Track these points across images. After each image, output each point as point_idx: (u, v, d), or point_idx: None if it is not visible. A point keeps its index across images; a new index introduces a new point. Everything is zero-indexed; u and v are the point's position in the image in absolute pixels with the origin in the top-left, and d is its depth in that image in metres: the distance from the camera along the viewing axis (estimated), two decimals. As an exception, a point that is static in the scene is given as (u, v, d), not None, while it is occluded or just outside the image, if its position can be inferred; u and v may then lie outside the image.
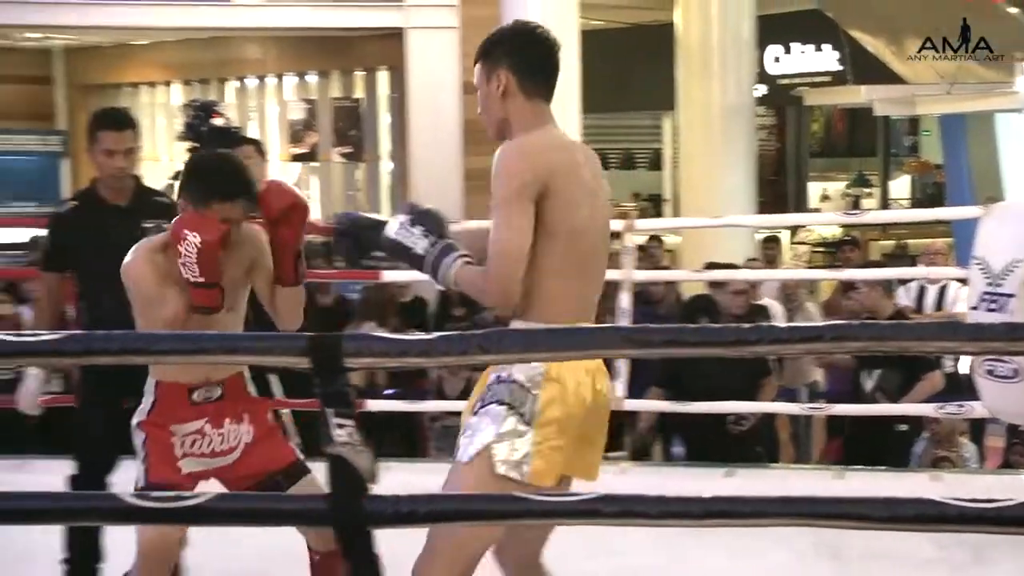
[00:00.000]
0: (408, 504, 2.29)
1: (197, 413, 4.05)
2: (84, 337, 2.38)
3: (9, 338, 2.26)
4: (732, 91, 14.28)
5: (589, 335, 2.46)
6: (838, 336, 2.26)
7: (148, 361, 3.39)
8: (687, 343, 2.33)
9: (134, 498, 2.29)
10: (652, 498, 2.27)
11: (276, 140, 15.92)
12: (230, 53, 16.40)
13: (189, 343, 2.47)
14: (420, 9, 13.17)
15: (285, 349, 2.34)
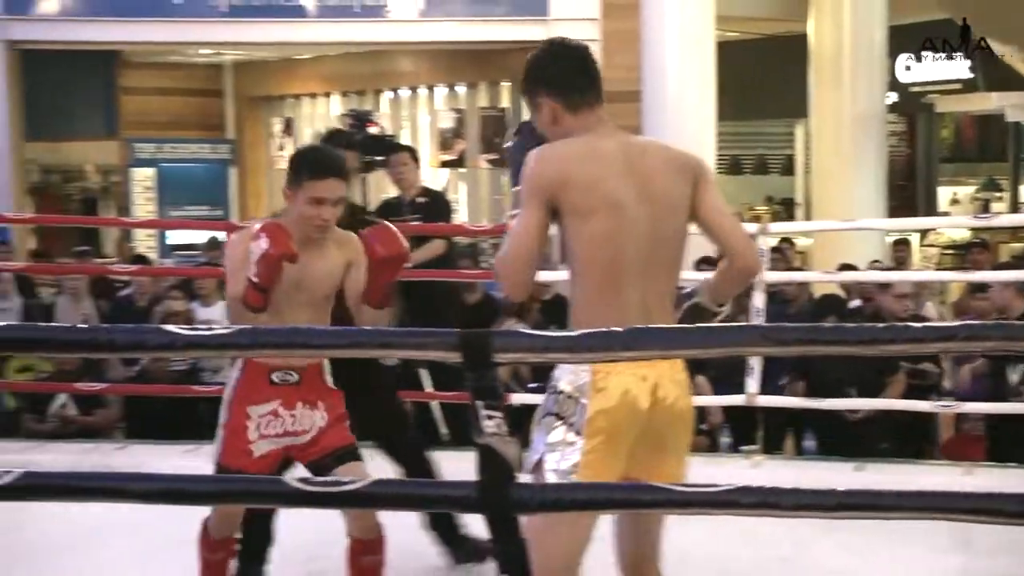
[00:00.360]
0: (553, 492, 2.29)
1: (274, 393, 4.15)
2: (252, 331, 2.41)
3: (184, 332, 2.30)
4: (863, 99, 14.07)
5: (729, 333, 2.44)
6: (970, 336, 2.22)
7: (308, 354, 3.45)
8: (823, 341, 2.30)
9: (299, 483, 2.32)
10: (787, 490, 2.24)
11: (427, 147, 16.02)
12: (385, 66, 16.56)
13: (346, 338, 2.49)
14: (563, 23, 13.15)
15: (438, 344, 2.34)
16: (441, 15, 13.56)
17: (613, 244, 3.38)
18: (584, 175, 3.38)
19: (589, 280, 3.42)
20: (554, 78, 3.55)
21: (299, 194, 4.12)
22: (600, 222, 3.36)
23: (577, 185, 3.37)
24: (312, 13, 13.59)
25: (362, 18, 13.63)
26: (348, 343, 2.50)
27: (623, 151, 3.46)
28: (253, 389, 4.16)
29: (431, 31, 13.80)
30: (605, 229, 3.37)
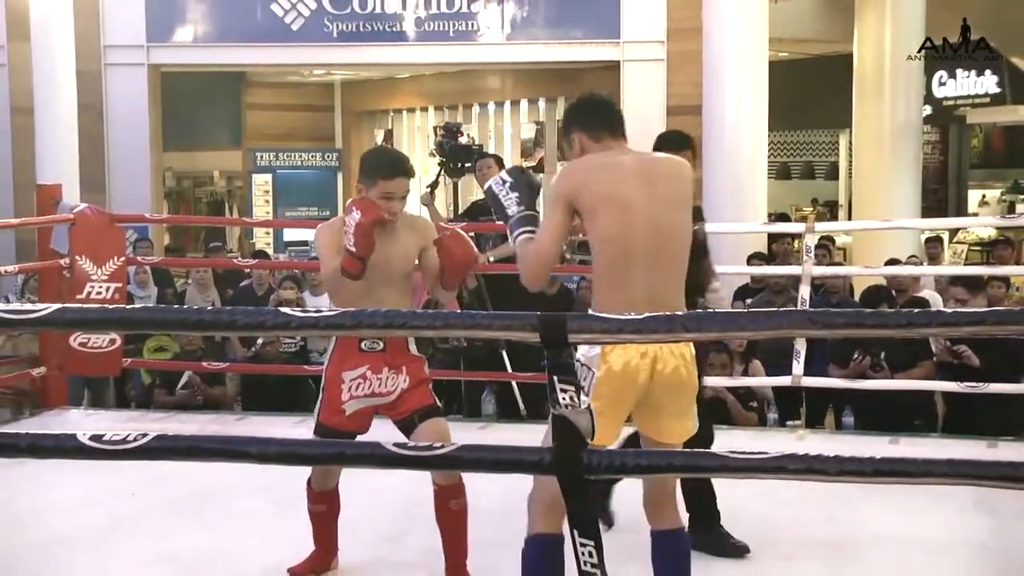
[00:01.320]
0: (620, 457, 2.28)
1: (363, 360, 4.29)
2: (355, 314, 2.42)
3: (297, 314, 2.31)
4: (901, 112, 13.92)
5: (779, 317, 2.41)
6: (998, 320, 2.18)
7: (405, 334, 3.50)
8: (866, 324, 2.27)
9: (395, 447, 2.33)
10: (830, 457, 2.22)
11: (509, 155, 16.06)
12: (475, 83, 16.63)
13: (440, 320, 2.49)
14: (633, 45, 13.15)
15: (521, 326, 2.35)
16: (525, 38, 13.60)
17: (623, 238, 3.56)
18: (598, 180, 3.61)
19: (604, 270, 3.61)
20: (584, 118, 3.85)
21: (372, 190, 4.29)
22: (611, 219, 3.56)
23: (591, 189, 3.59)
24: (411, 37, 13.68)
25: (455, 41, 13.72)
26: (443, 325, 2.51)
27: (634, 161, 3.70)
28: (346, 357, 4.31)
29: (516, 52, 13.85)
30: (616, 225, 3.56)
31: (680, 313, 2.34)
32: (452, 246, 4.44)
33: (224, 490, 5.61)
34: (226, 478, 5.57)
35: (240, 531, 5.26)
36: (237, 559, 4.91)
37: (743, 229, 11.05)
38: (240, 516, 5.43)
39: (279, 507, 5.36)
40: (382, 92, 18.28)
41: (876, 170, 13.98)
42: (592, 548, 2.32)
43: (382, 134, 18.55)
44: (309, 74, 17.58)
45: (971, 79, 17.19)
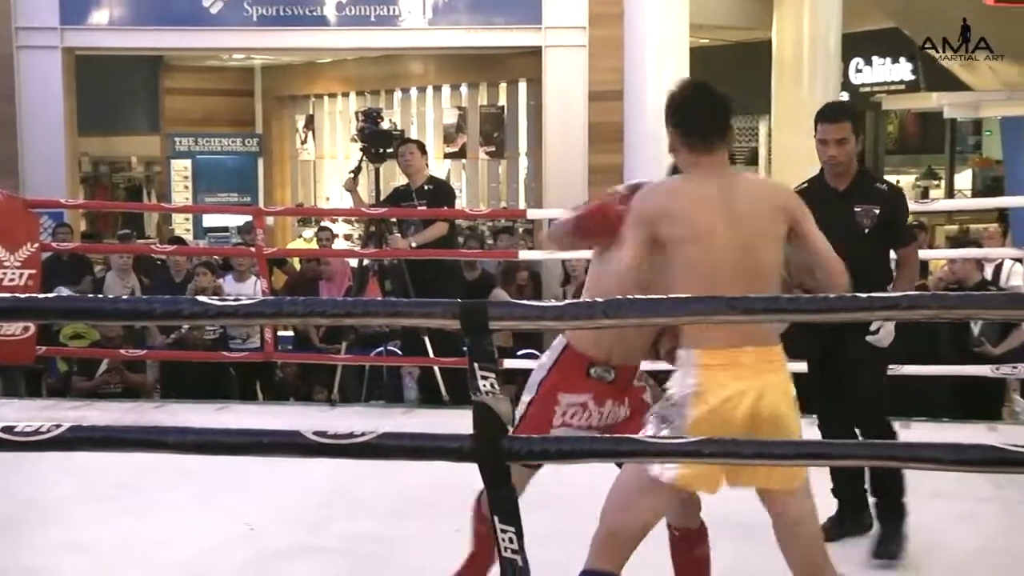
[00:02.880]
0: (540, 443, 2.28)
1: (588, 387, 3.72)
2: (274, 301, 2.41)
3: (215, 302, 2.29)
4: (819, 98, 14.01)
5: (697, 303, 2.43)
6: (912, 304, 2.21)
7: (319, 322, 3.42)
8: (785, 309, 2.29)
9: (315, 435, 2.32)
10: (747, 442, 2.24)
11: (432, 141, 16.01)
12: (397, 68, 16.54)
13: (361, 307, 2.48)
14: (555, 31, 13.13)
15: (442, 313, 2.34)
16: (447, 23, 13.52)
17: (705, 268, 3.31)
18: (679, 208, 3.37)
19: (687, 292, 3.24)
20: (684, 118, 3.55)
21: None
22: (693, 249, 3.32)
23: (673, 216, 3.35)
24: (332, 22, 13.55)
25: (376, 26, 13.61)
26: (363, 312, 2.49)
27: (720, 188, 3.42)
28: (569, 377, 3.73)
29: (438, 38, 13.77)
30: (698, 255, 3.32)
31: (600, 300, 2.34)
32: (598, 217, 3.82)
33: (143, 478, 5.54)
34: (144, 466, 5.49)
35: (158, 520, 5.20)
36: (154, 548, 4.85)
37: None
38: (158, 505, 5.37)
39: (198, 497, 5.32)
40: (303, 77, 18.12)
41: (795, 155, 14.07)
42: (513, 534, 2.32)
43: (303, 119, 18.42)
44: (229, 58, 17.37)
45: (886, 66, 17.47)
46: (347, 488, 5.27)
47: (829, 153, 4.73)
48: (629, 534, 3.31)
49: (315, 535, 5.01)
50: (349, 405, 7.67)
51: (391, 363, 8.37)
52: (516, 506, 2.30)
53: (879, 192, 4.76)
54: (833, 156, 4.71)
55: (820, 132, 4.76)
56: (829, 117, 4.78)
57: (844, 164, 4.74)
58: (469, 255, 9.04)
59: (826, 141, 4.73)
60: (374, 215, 7.92)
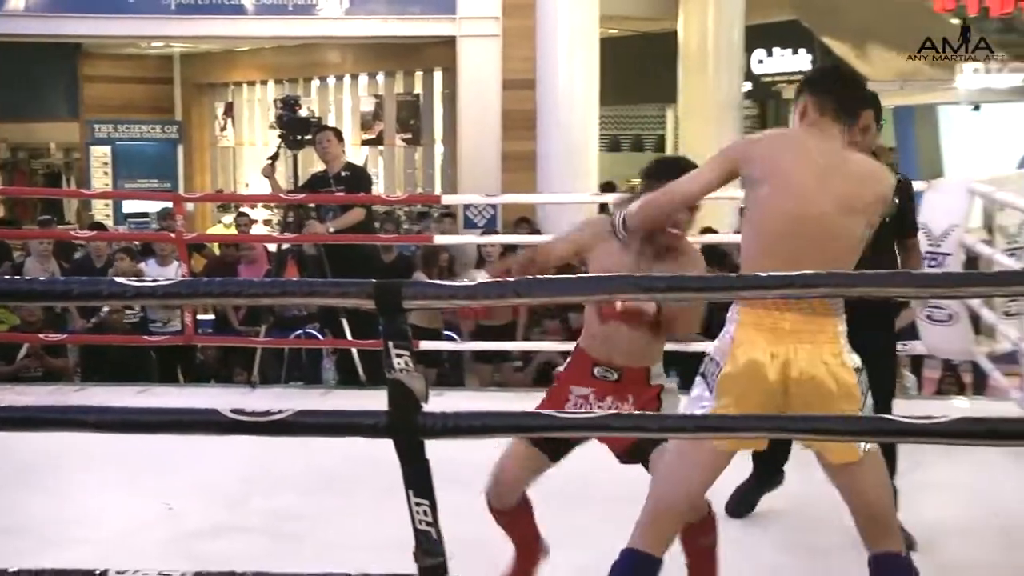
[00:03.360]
0: (454, 419, 2.28)
1: (592, 384, 3.81)
2: (191, 282, 2.38)
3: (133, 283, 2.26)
4: (724, 87, 14.23)
5: (608, 281, 2.45)
6: (807, 283, 2.25)
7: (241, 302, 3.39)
8: (688, 288, 2.32)
9: (232, 413, 2.30)
10: (653, 416, 2.27)
11: (350, 128, 15.93)
12: (314, 57, 16.42)
13: (277, 288, 2.46)
14: (469, 21, 13.13)
15: (357, 293, 2.33)
16: (363, 13, 13.47)
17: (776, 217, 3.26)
18: (771, 158, 3.32)
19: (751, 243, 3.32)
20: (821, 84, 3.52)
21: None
22: (770, 193, 3.26)
23: (761, 163, 3.30)
24: (250, 11, 13.44)
25: (294, 15, 13.52)
26: (280, 292, 2.48)
27: (823, 151, 3.34)
28: (578, 373, 3.87)
29: (354, 27, 13.71)
30: (773, 202, 3.26)
31: (510, 279, 2.35)
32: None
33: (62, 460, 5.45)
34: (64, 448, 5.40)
35: (78, 502, 5.13)
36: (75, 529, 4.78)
37: (575, 199, 11.17)
38: (78, 487, 5.29)
39: (118, 478, 5.26)
40: (222, 65, 17.92)
41: (700, 142, 14.21)
42: (427, 507, 2.32)
43: (222, 107, 18.22)
44: (148, 46, 17.10)
45: (787, 57, 17.68)
46: (266, 466, 5.24)
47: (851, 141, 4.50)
48: (673, 505, 3.26)
49: (235, 513, 4.97)
50: (269, 387, 7.62)
51: (310, 346, 8.33)
52: (430, 480, 2.30)
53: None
54: (855, 144, 4.47)
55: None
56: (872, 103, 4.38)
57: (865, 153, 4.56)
58: (385, 240, 9.02)
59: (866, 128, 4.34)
60: (292, 201, 7.86)
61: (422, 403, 2.29)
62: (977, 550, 4.30)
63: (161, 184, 16.80)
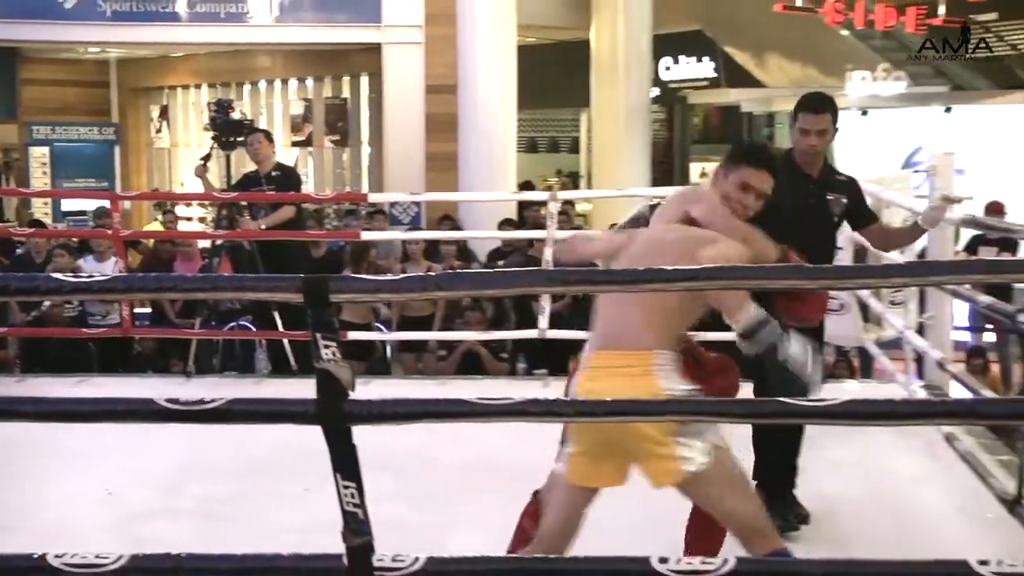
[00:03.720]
0: (379, 406, 2.27)
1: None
2: (126, 278, 2.34)
3: (70, 279, 2.21)
4: (633, 93, 14.32)
5: (522, 277, 2.45)
6: (709, 276, 2.26)
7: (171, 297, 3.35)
8: (597, 281, 2.33)
9: (167, 402, 2.27)
10: (568, 401, 2.27)
11: (280, 130, 15.81)
12: (246, 62, 16.27)
13: (210, 283, 2.44)
14: (393, 29, 13.08)
15: (286, 287, 2.31)
16: (292, 21, 13.36)
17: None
18: None
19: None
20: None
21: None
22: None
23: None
24: (184, 18, 13.27)
25: (226, 23, 13.37)
26: (212, 287, 2.45)
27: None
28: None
29: (284, 34, 13.61)
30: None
31: (434, 274, 2.34)
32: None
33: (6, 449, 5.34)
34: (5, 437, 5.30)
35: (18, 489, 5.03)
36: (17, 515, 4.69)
37: (495, 197, 11.20)
38: (18, 476, 5.19)
39: (57, 465, 5.17)
40: (157, 70, 17.66)
41: (612, 144, 14.36)
42: (354, 490, 2.31)
43: (158, 110, 17.98)
44: (84, 51, 16.80)
45: (692, 65, 17.87)
46: (201, 453, 5.17)
47: (809, 142, 4.39)
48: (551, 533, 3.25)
49: (171, 498, 4.91)
50: (204, 376, 7.53)
51: (243, 337, 8.24)
52: (356, 464, 2.29)
53: (841, 182, 4.53)
54: (813, 145, 4.39)
55: (802, 122, 4.40)
56: (813, 108, 4.40)
57: (821, 154, 4.49)
58: (314, 236, 8.93)
59: (807, 131, 4.37)
60: (225, 199, 7.78)
61: (349, 391, 2.28)
62: (867, 522, 4.38)
63: (98, 183, 16.50)
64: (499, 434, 4.81)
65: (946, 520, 4.48)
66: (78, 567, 2.34)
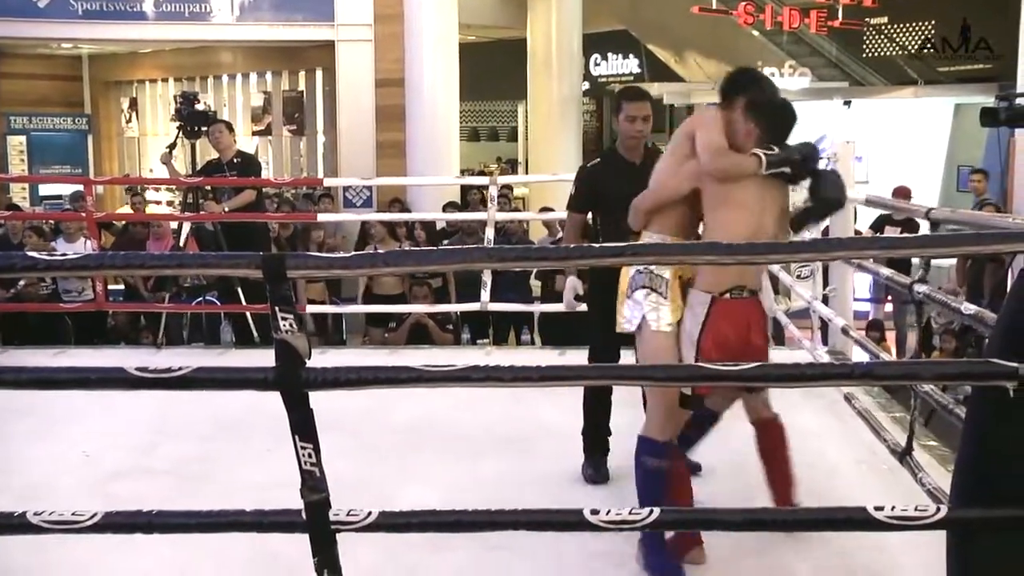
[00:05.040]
0: (333, 373, 2.25)
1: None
2: (97, 256, 2.30)
3: (44, 257, 2.16)
4: (565, 86, 14.34)
5: (467, 253, 2.44)
6: (636, 252, 2.26)
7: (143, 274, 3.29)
8: (531, 257, 2.32)
9: (137, 371, 2.23)
10: (507, 367, 2.26)
11: (241, 121, 15.64)
12: (210, 58, 16.06)
13: (175, 260, 2.39)
14: (346, 27, 12.98)
15: (246, 264, 2.27)
16: (253, 20, 13.20)
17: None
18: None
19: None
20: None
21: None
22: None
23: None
24: (151, 16, 13.06)
25: (191, 21, 13.19)
26: (177, 264, 2.40)
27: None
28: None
29: (245, 32, 13.45)
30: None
31: (382, 252, 2.32)
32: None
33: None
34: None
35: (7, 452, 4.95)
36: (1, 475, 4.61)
37: (440, 182, 11.17)
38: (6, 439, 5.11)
39: (37, 430, 5.09)
40: (127, 65, 17.37)
41: (546, 133, 14.37)
42: (311, 450, 2.29)
43: (127, 102, 17.69)
44: (58, 47, 16.47)
45: (619, 61, 17.91)
46: (173, 417, 5.12)
47: (637, 128, 4.39)
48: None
49: (145, 458, 4.85)
50: (173, 347, 7.44)
51: (209, 311, 8.15)
52: (314, 427, 2.27)
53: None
54: (640, 131, 4.40)
55: (628, 110, 4.38)
56: (636, 97, 4.43)
57: (644, 140, 4.49)
58: (274, 218, 8.84)
59: (634, 117, 4.37)
60: (191, 183, 7.69)
61: (305, 359, 2.25)
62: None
63: (73, 170, 16.23)
64: (444, 398, 4.81)
65: (846, 471, 4.55)
66: (56, 523, 2.30)
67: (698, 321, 3.37)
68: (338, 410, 3.43)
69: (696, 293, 3.42)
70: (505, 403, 5.34)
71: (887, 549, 3.56)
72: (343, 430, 4.48)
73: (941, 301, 3.87)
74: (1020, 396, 2.11)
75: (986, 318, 3.38)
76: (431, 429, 5.10)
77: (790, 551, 3.62)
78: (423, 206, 11.06)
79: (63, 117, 16.92)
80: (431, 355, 6.88)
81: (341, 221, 10.75)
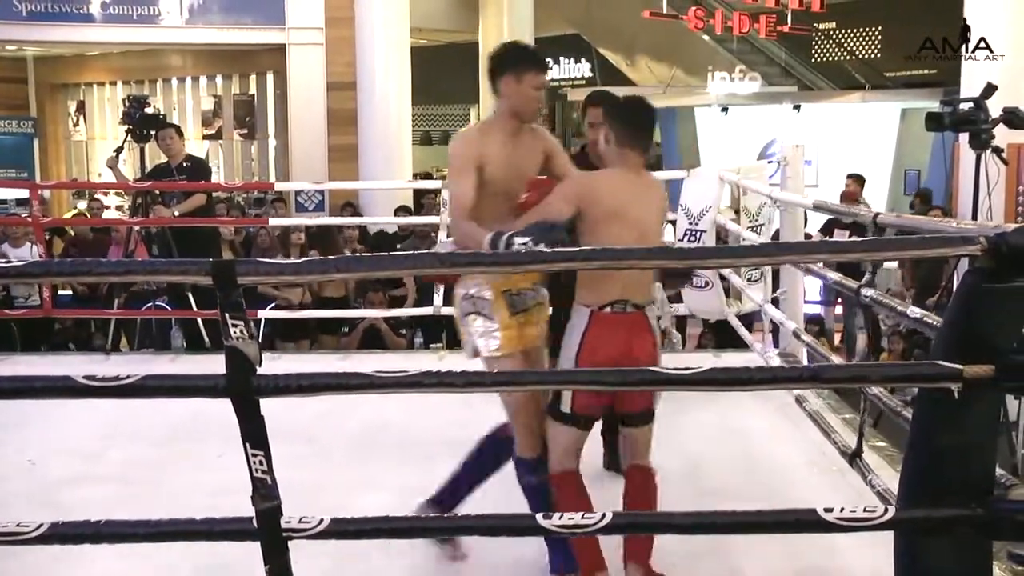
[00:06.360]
0: (284, 380, 2.24)
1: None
2: (43, 264, 2.27)
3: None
4: (517, 91, 14.32)
5: (417, 258, 2.43)
6: (587, 257, 2.28)
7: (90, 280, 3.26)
8: (483, 263, 2.32)
9: (85, 379, 2.20)
10: (459, 372, 2.26)
11: (192, 124, 15.51)
12: (159, 61, 15.91)
13: (123, 267, 2.37)
14: (297, 31, 12.92)
15: (196, 271, 2.26)
16: (202, 22, 13.11)
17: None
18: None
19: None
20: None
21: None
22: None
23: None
24: (98, 18, 12.92)
25: (139, 24, 13.07)
26: (125, 271, 2.38)
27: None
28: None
29: (194, 35, 13.34)
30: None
31: (333, 258, 2.31)
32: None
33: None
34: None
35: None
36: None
37: (392, 186, 11.15)
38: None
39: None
40: (74, 67, 17.15)
41: (499, 138, 14.35)
42: (262, 457, 2.28)
43: (75, 105, 17.47)
44: (2, 49, 16.23)
45: (571, 65, 17.98)
46: (123, 422, 5.05)
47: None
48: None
49: (94, 464, 4.78)
50: (122, 354, 7.35)
51: (160, 316, 8.06)
52: (265, 434, 2.26)
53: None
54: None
55: (592, 116, 4.41)
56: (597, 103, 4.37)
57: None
58: (225, 222, 8.77)
59: (594, 124, 4.31)
60: (140, 187, 7.61)
61: (256, 366, 2.24)
62: (728, 477, 4.45)
63: (19, 174, 15.99)
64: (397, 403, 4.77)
65: (797, 473, 4.58)
66: (0, 535, 2.26)
67: (577, 335, 3.28)
68: (291, 416, 3.41)
69: (577, 307, 3.34)
70: (458, 407, 5.31)
71: (838, 550, 3.60)
72: (296, 436, 4.45)
73: (888, 305, 3.91)
74: (965, 397, 2.15)
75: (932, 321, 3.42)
76: (385, 434, 5.07)
77: (742, 554, 3.64)
78: (375, 210, 11.03)
79: (8, 120, 16.67)
80: (384, 360, 6.85)
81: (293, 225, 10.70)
